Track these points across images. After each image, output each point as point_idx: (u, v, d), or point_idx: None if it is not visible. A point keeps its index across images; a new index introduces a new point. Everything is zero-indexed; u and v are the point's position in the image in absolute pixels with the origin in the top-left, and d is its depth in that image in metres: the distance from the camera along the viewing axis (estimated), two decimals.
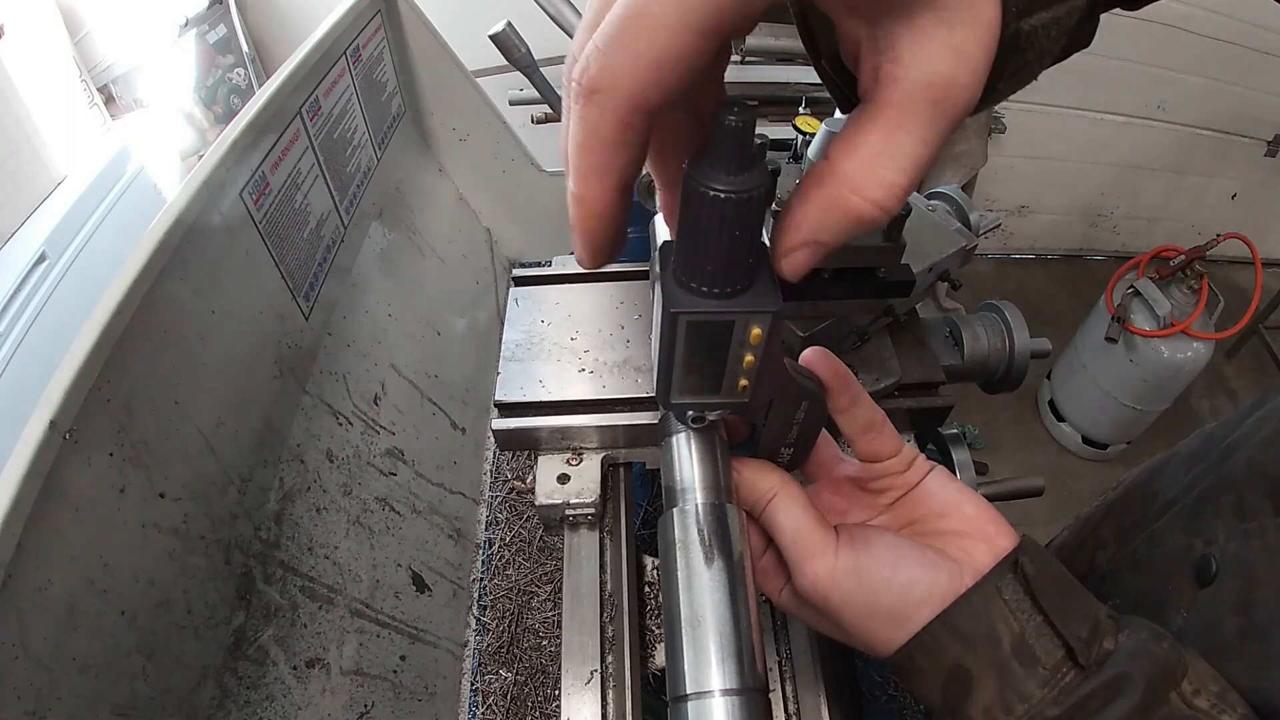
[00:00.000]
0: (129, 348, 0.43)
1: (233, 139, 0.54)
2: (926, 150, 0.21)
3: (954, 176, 2.12)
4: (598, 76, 0.19)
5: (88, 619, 0.38)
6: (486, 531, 0.82)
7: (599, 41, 0.19)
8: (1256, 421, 0.39)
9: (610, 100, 0.20)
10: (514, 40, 0.80)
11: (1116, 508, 0.50)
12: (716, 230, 0.24)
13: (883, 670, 0.68)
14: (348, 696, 0.58)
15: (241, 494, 0.53)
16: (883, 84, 0.21)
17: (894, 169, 0.21)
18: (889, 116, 0.21)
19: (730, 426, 0.38)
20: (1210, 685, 0.29)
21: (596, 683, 0.51)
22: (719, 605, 0.32)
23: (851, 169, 0.22)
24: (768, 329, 0.28)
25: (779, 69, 0.87)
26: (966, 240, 0.61)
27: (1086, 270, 2.91)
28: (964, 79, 0.20)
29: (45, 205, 1.30)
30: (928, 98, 0.21)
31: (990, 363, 0.69)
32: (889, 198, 0.22)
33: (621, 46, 0.19)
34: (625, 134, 0.20)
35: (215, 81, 1.81)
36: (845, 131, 0.22)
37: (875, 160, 0.22)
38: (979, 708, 0.31)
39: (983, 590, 0.32)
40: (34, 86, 1.30)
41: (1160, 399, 2.08)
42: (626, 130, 0.20)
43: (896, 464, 0.38)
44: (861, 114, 0.22)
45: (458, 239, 1.02)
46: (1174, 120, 2.54)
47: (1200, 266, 1.93)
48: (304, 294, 0.65)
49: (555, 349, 0.60)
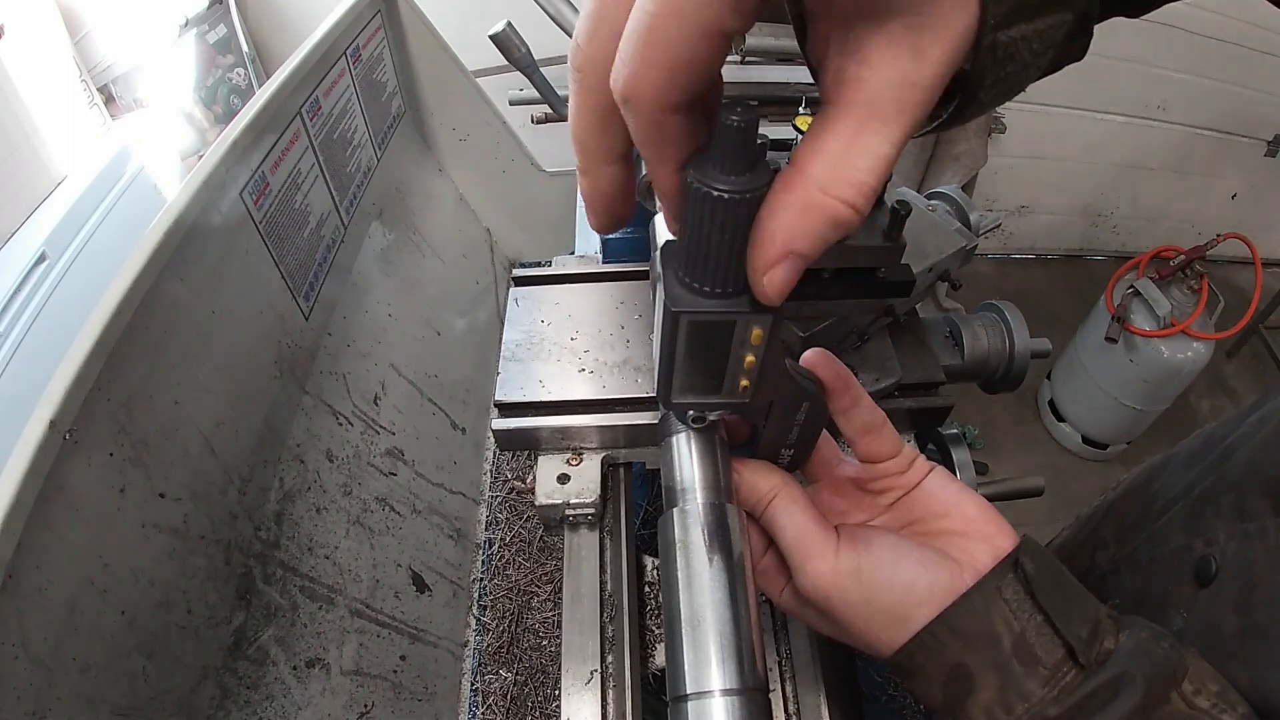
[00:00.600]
0: (129, 348, 0.43)
1: (233, 139, 0.54)
2: (893, 150, 0.22)
3: (954, 176, 2.12)
4: (625, 88, 0.21)
5: (88, 619, 0.38)
6: (486, 531, 0.82)
7: (623, 55, 0.21)
8: (1256, 422, 0.39)
9: (641, 107, 0.22)
10: (514, 40, 0.80)
11: (1116, 508, 0.50)
12: (719, 230, 0.24)
13: (883, 670, 0.68)
14: (348, 696, 0.58)
15: (241, 494, 0.53)
16: (848, 84, 0.21)
17: (863, 168, 0.22)
18: (855, 116, 0.22)
19: (731, 427, 0.38)
20: (1210, 685, 0.29)
21: (596, 683, 0.51)
22: (719, 605, 0.32)
23: (820, 170, 0.22)
24: (769, 330, 0.28)
25: (779, 69, 0.87)
26: (966, 240, 0.61)
27: (1086, 270, 2.91)
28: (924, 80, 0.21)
29: (45, 205, 1.30)
30: (892, 98, 0.21)
31: (990, 363, 0.69)
32: (859, 197, 0.22)
33: (640, 60, 0.21)
34: (663, 130, 0.23)
35: (215, 81, 1.81)
36: (810, 134, 0.23)
37: (843, 160, 0.22)
38: (979, 707, 0.31)
39: (983, 590, 0.32)
40: (34, 86, 1.30)
41: (1160, 399, 2.08)
42: (663, 127, 0.23)
43: (897, 464, 0.38)
44: (826, 115, 0.22)
45: (458, 239, 1.02)
46: (1174, 120, 2.54)
47: (1200, 266, 1.93)
48: (304, 294, 0.65)
49: (555, 349, 0.60)
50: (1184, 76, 2.40)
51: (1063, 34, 0.23)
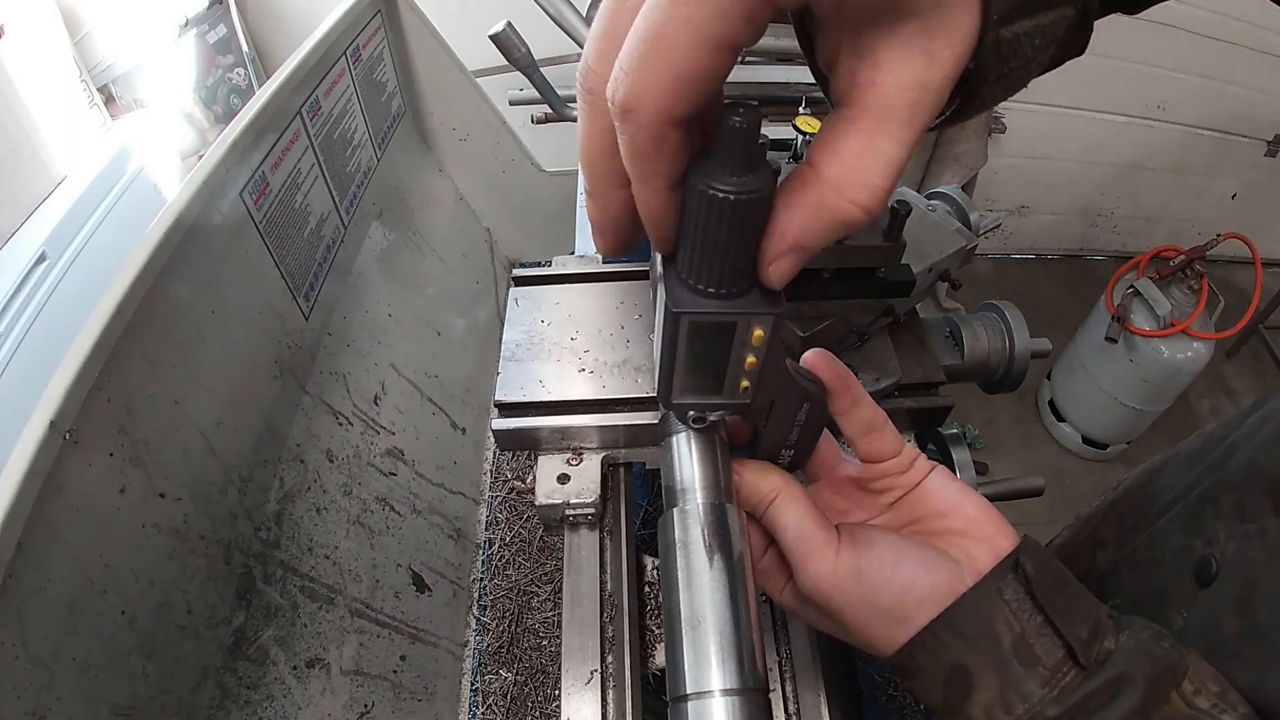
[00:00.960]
0: (129, 348, 0.43)
1: (233, 139, 0.54)
2: (905, 152, 0.22)
3: (954, 176, 2.12)
4: (626, 100, 0.21)
5: (88, 619, 0.38)
6: (486, 531, 0.82)
7: (624, 65, 0.20)
8: (1257, 422, 0.39)
9: (642, 119, 0.21)
10: (514, 40, 0.80)
11: (1116, 508, 0.50)
12: (720, 231, 0.24)
13: (883, 670, 0.68)
14: (348, 696, 0.58)
15: (241, 494, 0.53)
16: (861, 88, 0.22)
17: (877, 171, 0.22)
18: (870, 119, 0.22)
19: (732, 428, 0.38)
20: (1211, 685, 0.29)
21: (596, 683, 0.51)
22: (719, 605, 0.32)
23: (836, 173, 0.22)
24: (770, 330, 0.28)
25: (779, 69, 0.87)
26: (966, 240, 0.61)
27: (1086, 270, 2.91)
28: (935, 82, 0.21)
29: (45, 205, 1.30)
30: (906, 100, 0.21)
31: (990, 363, 0.69)
32: (873, 199, 0.22)
33: (643, 70, 0.20)
34: (661, 145, 0.22)
35: (215, 81, 1.81)
36: (825, 136, 0.23)
37: (858, 163, 0.22)
38: (980, 707, 0.31)
39: (983, 590, 0.32)
40: (34, 86, 1.30)
41: (1160, 399, 2.08)
42: (662, 142, 0.22)
43: (897, 464, 0.38)
44: (840, 118, 0.22)
45: (458, 239, 1.02)
46: (1174, 120, 2.54)
47: (1200, 266, 1.93)
48: (304, 294, 0.65)
49: (555, 349, 0.60)
50: (1184, 76, 2.40)
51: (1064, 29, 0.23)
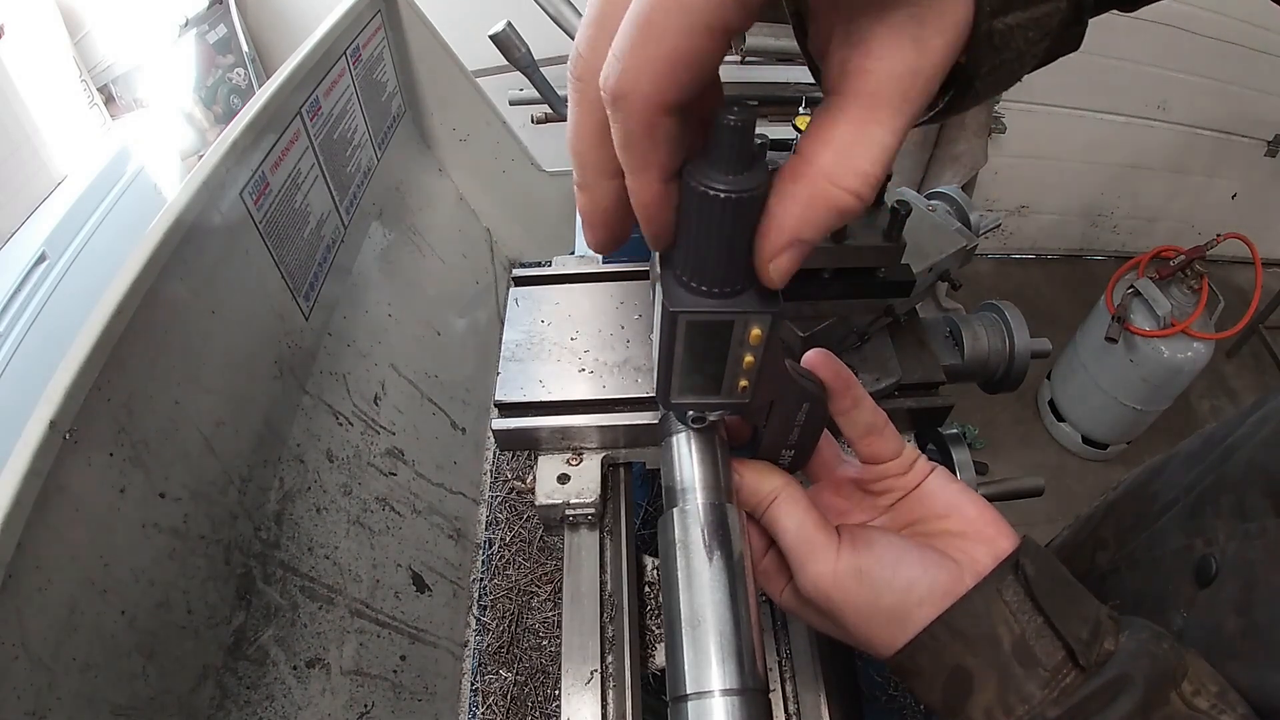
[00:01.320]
0: (129, 348, 0.43)
1: (233, 139, 0.54)
2: (896, 140, 0.22)
3: (954, 176, 2.12)
4: (618, 85, 0.20)
5: (88, 619, 0.38)
6: (486, 531, 0.82)
7: (616, 51, 0.20)
8: (1257, 422, 0.39)
9: (635, 105, 0.21)
10: (514, 40, 0.80)
11: (1116, 508, 0.50)
12: (716, 230, 0.24)
13: (883, 670, 0.68)
14: (348, 696, 0.58)
15: (241, 494, 0.53)
16: (852, 76, 0.22)
17: (868, 158, 0.22)
18: (860, 107, 0.22)
19: (732, 428, 0.38)
20: (1210, 685, 0.29)
21: (596, 683, 0.51)
22: (719, 605, 0.32)
23: (827, 161, 0.22)
24: (767, 329, 0.28)
25: (779, 69, 0.87)
26: (966, 240, 0.61)
27: (1086, 270, 2.91)
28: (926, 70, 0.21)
29: (45, 205, 1.30)
30: (897, 88, 0.21)
31: (990, 363, 0.69)
32: (865, 186, 0.22)
33: (636, 55, 0.20)
34: (654, 133, 0.22)
35: (215, 81, 1.81)
36: (815, 125, 0.23)
37: (850, 150, 0.22)
38: (979, 708, 0.31)
39: (983, 591, 0.32)
40: (34, 86, 1.30)
41: (1160, 399, 2.08)
42: (655, 129, 0.21)
43: (898, 465, 0.38)
44: (831, 106, 0.22)
45: (458, 239, 1.02)
46: (1174, 120, 2.54)
47: (1200, 266, 1.93)
48: (304, 294, 0.65)
49: (555, 349, 0.60)
50: (1184, 76, 2.40)
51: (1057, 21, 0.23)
